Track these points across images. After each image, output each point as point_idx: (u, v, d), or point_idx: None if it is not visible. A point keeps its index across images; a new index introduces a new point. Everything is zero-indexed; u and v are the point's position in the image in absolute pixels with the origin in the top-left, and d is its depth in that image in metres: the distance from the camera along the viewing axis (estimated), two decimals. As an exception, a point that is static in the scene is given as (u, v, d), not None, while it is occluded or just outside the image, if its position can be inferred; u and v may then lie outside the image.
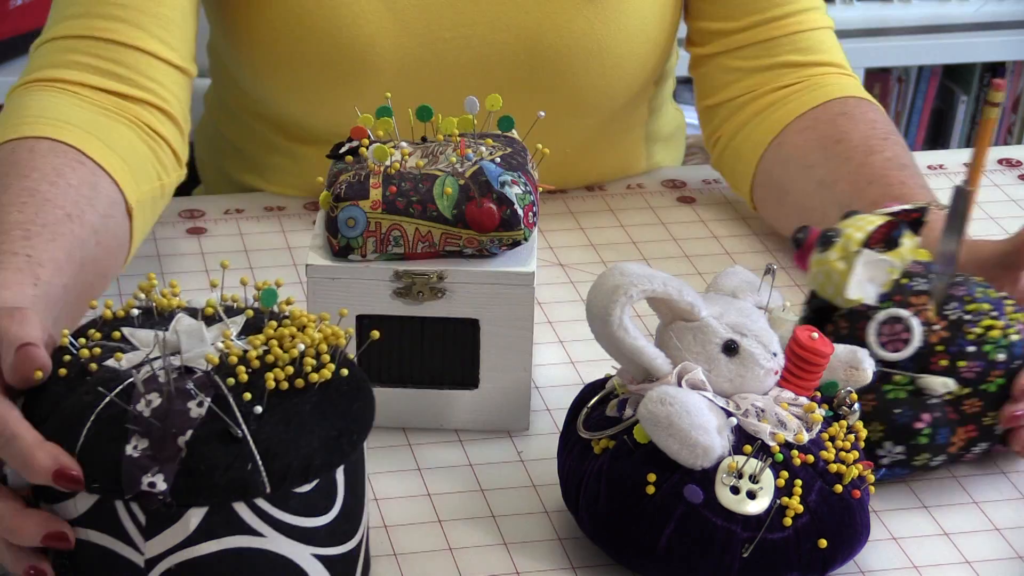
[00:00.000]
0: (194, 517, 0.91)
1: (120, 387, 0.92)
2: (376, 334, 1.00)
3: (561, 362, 1.24)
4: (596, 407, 1.04)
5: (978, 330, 1.08)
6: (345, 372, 0.96)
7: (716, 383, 1.00)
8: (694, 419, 0.96)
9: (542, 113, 1.19)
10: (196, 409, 0.91)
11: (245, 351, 0.94)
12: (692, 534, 0.97)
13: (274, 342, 0.94)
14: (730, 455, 0.98)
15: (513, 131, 1.19)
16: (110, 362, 0.94)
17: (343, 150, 1.15)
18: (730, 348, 1.01)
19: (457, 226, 1.10)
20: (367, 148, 1.13)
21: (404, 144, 1.15)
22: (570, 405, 1.06)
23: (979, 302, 1.09)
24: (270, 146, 1.48)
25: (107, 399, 0.92)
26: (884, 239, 1.10)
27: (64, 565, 0.94)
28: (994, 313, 1.09)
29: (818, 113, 1.38)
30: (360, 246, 1.10)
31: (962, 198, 1.07)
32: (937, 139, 2.90)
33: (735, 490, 0.97)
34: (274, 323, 0.96)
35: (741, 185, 1.43)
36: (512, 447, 1.15)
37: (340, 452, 0.94)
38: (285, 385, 0.93)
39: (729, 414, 0.99)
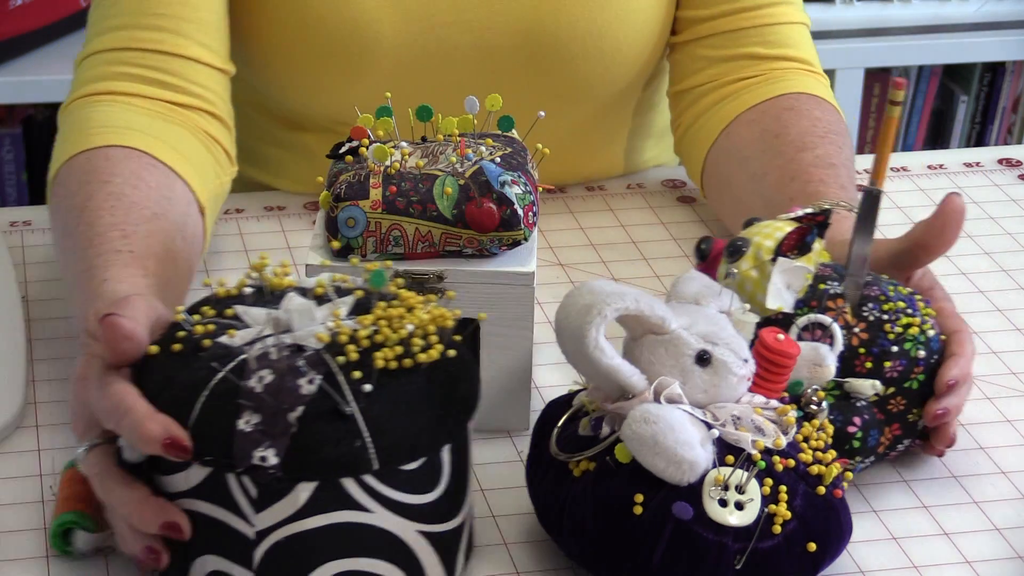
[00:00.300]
0: (303, 491, 0.93)
1: (233, 363, 0.94)
2: (483, 316, 1.02)
3: (561, 362, 1.23)
4: (566, 426, 1.03)
5: (898, 329, 1.08)
6: (452, 353, 0.97)
7: (691, 395, 0.99)
8: (679, 435, 0.95)
9: (542, 113, 1.19)
10: (307, 386, 0.93)
11: (355, 330, 0.96)
12: (684, 551, 0.96)
13: (383, 322, 0.96)
14: (715, 467, 0.97)
15: (513, 131, 1.19)
16: (223, 339, 0.97)
17: (343, 150, 1.15)
18: (703, 359, 1.00)
19: (457, 226, 1.10)
20: (367, 148, 1.13)
21: (404, 144, 1.15)
22: (534, 427, 1.05)
23: (893, 300, 1.10)
24: (269, 137, 1.49)
25: (220, 375, 0.94)
26: (797, 244, 1.10)
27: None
28: (909, 310, 1.10)
29: (766, 107, 1.39)
30: (360, 246, 1.10)
31: (871, 199, 1.08)
32: (937, 139, 2.90)
33: (723, 503, 0.97)
34: (383, 304, 0.98)
35: (694, 173, 1.45)
36: (512, 447, 1.15)
37: (446, 432, 0.96)
38: (394, 364, 0.95)
39: (709, 426, 0.98)
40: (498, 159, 1.12)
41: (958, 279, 1.36)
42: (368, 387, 0.94)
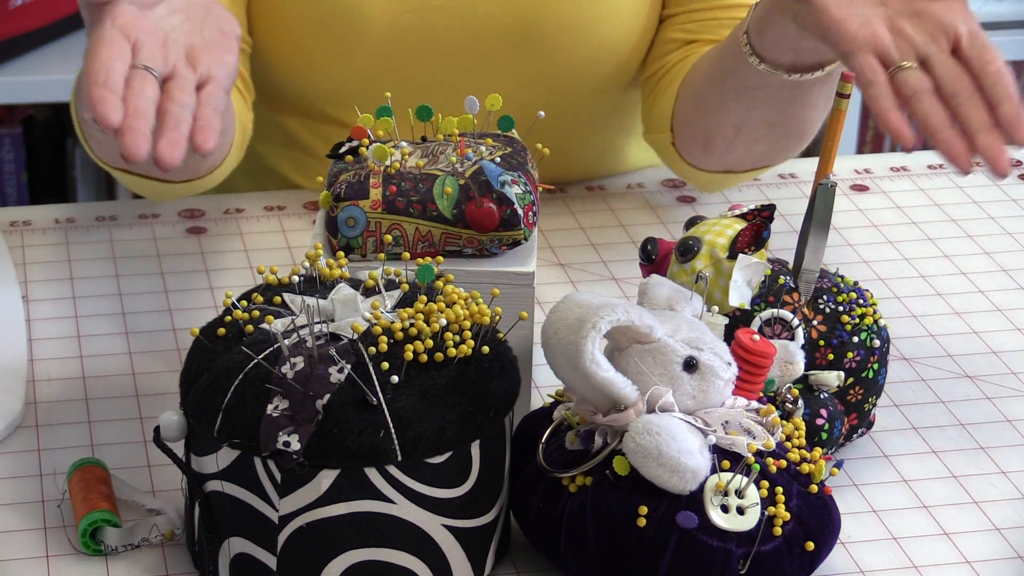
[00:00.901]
0: (326, 479, 0.94)
1: (269, 350, 0.96)
2: (524, 315, 1.03)
3: (561, 362, 1.23)
4: (549, 441, 1.02)
5: (855, 320, 1.09)
6: (486, 350, 0.98)
7: (680, 401, 0.99)
8: (680, 444, 0.95)
9: (542, 113, 1.19)
10: (336, 375, 0.94)
11: (391, 323, 0.97)
12: (690, 560, 0.96)
13: (420, 316, 0.97)
14: (714, 474, 0.97)
15: (513, 131, 1.19)
16: (263, 325, 0.98)
17: (343, 150, 1.15)
18: (690, 365, 0.99)
19: (457, 226, 1.10)
20: (367, 148, 1.13)
21: (404, 144, 1.15)
22: (511, 443, 1.03)
23: (845, 292, 1.11)
24: (263, 119, 1.48)
25: (255, 360, 0.95)
26: (753, 240, 1.10)
27: (208, 517, 0.98)
28: (860, 301, 1.11)
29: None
30: (360, 246, 1.10)
31: (826, 193, 1.08)
32: (937, 139, 2.90)
33: (724, 508, 0.96)
34: (424, 298, 0.99)
35: (661, 122, 1.42)
36: (512, 447, 1.14)
37: (475, 427, 0.97)
38: (424, 358, 0.96)
39: (704, 433, 0.98)
40: (498, 159, 1.12)
41: (958, 279, 1.36)
42: (395, 379, 0.94)
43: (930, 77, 1.12)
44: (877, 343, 1.10)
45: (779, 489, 0.98)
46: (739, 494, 0.97)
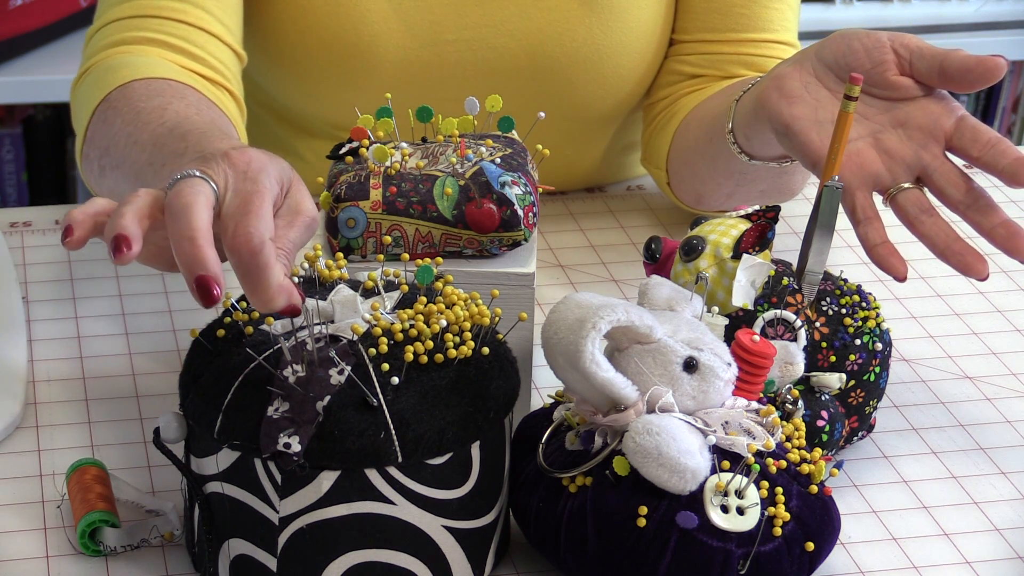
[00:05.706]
0: (326, 480, 0.94)
1: (269, 351, 0.96)
2: (524, 316, 1.03)
3: (561, 363, 1.23)
4: (549, 441, 1.02)
5: (857, 323, 1.10)
6: (486, 351, 0.98)
7: (680, 402, 0.99)
8: (680, 444, 0.95)
9: (542, 114, 1.19)
10: (336, 376, 0.94)
11: (391, 324, 0.97)
12: (690, 560, 0.96)
13: (420, 317, 0.98)
14: (714, 474, 0.97)
15: (513, 132, 1.19)
16: (264, 326, 0.98)
17: (343, 151, 1.15)
18: (690, 365, 0.99)
19: (457, 227, 1.10)
20: (367, 149, 1.13)
21: (404, 145, 1.15)
22: (511, 444, 1.03)
23: (848, 295, 1.11)
24: (273, 138, 1.48)
25: (255, 362, 0.96)
26: (757, 241, 1.10)
27: (208, 518, 0.98)
28: (863, 304, 1.11)
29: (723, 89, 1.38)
30: (360, 247, 1.10)
31: (832, 195, 1.08)
32: (937, 139, 2.90)
33: (724, 509, 0.96)
34: (424, 299, 1.00)
35: (658, 160, 1.43)
36: (512, 448, 1.14)
37: (475, 428, 0.97)
38: (424, 359, 0.96)
39: (704, 433, 0.98)
40: (498, 160, 1.12)
41: (958, 280, 1.36)
42: (396, 380, 0.95)
43: (932, 187, 1.14)
44: (879, 346, 1.10)
45: (779, 489, 0.98)
46: (739, 494, 0.97)
